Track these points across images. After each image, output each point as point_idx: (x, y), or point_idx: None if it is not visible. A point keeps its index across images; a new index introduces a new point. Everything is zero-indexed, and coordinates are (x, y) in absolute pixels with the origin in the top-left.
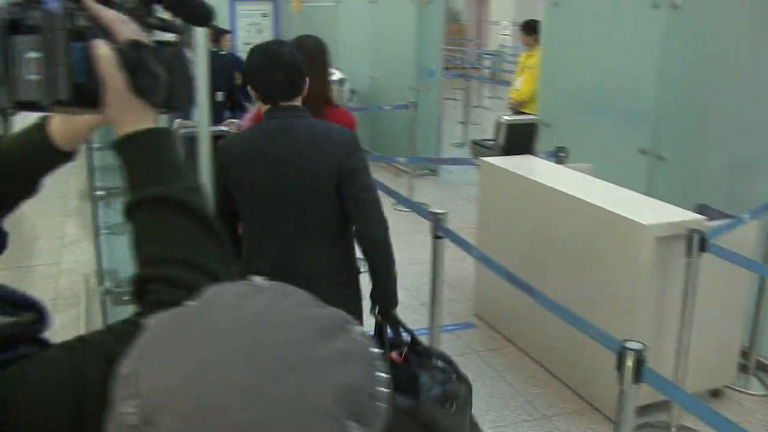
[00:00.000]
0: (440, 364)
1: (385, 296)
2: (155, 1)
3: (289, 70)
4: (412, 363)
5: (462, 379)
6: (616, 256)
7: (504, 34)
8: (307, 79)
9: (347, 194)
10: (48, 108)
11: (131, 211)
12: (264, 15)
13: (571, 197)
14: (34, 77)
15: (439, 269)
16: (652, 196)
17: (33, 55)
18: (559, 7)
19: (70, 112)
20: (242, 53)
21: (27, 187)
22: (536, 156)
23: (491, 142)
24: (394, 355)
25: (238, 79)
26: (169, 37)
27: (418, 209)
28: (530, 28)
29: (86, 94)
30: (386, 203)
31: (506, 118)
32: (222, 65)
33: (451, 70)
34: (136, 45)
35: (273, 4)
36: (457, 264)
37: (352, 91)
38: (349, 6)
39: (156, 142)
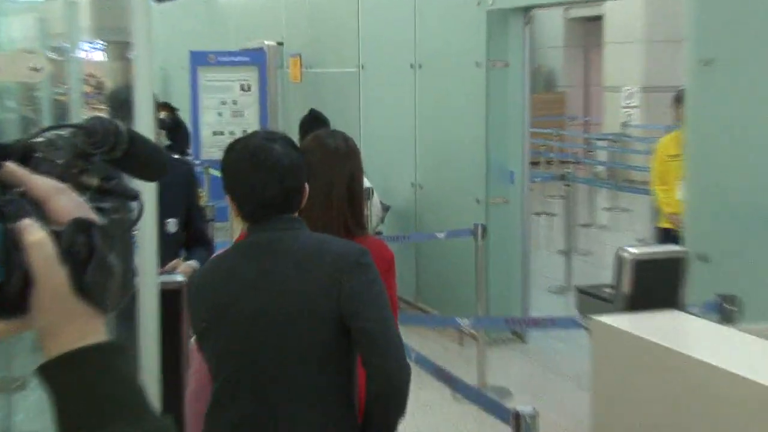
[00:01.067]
0: None
1: None
2: (95, 153)
3: (285, 177)
4: None
5: None
6: None
7: (629, 107)
8: (307, 187)
9: (353, 328)
10: None
11: None
12: (244, 88)
13: (747, 382)
14: None
15: None
16: None
17: None
18: (713, 66)
19: None
20: (211, 152)
21: None
22: (685, 311)
23: (610, 289)
24: None
25: (202, 197)
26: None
27: (492, 405)
28: None
29: (5, 298)
30: (444, 392)
31: (632, 249)
32: (174, 178)
33: (544, 167)
34: (82, 226)
35: (258, 70)
36: None
37: (385, 208)
38: (378, 72)
39: (106, 363)
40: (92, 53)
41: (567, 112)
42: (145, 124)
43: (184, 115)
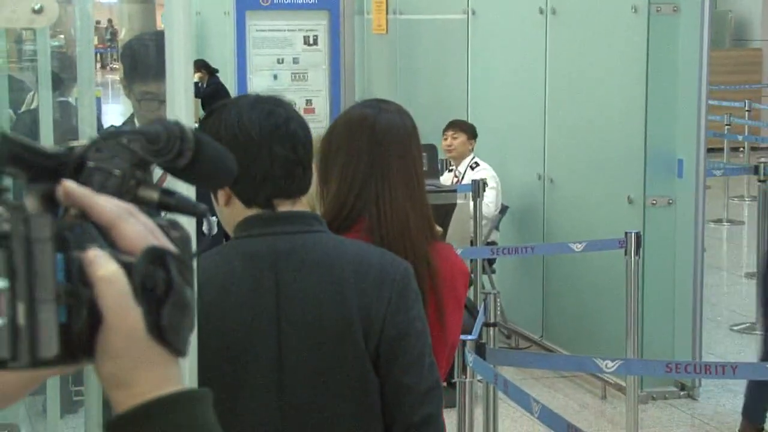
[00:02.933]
0: None
1: None
2: (156, 161)
3: (301, 147)
4: None
5: None
6: None
7: None
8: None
9: (386, 379)
10: (20, 370)
11: None
12: (309, 41)
13: None
14: None
15: None
16: None
17: None
18: None
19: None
20: None
21: None
22: None
23: None
24: None
25: None
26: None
27: None
28: None
29: (69, 340)
30: None
31: None
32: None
33: (729, 156)
34: (157, 256)
35: (329, 16)
36: None
37: (502, 210)
38: (494, 20)
39: (189, 416)
40: None
41: (765, 77)
42: (180, 95)
43: (226, 79)
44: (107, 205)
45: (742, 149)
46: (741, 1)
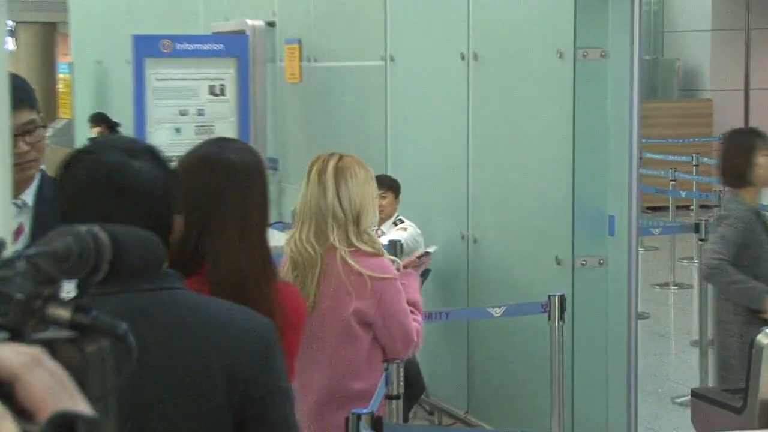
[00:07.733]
0: None
1: None
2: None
3: (145, 197)
4: None
5: None
6: None
7: None
8: (178, 220)
9: None
10: None
11: None
12: (216, 91)
13: None
14: None
15: None
16: None
17: None
18: None
19: None
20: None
21: None
22: None
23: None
24: None
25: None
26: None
27: None
28: None
29: None
30: None
31: None
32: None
33: (675, 214)
34: (66, 424)
35: (237, 64)
36: None
37: (423, 273)
38: (414, 66)
39: None
40: None
41: (716, 130)
42: None
43: (129, 133)
44: (8, 358)
45: (692, 207)
46: (689, 48)
